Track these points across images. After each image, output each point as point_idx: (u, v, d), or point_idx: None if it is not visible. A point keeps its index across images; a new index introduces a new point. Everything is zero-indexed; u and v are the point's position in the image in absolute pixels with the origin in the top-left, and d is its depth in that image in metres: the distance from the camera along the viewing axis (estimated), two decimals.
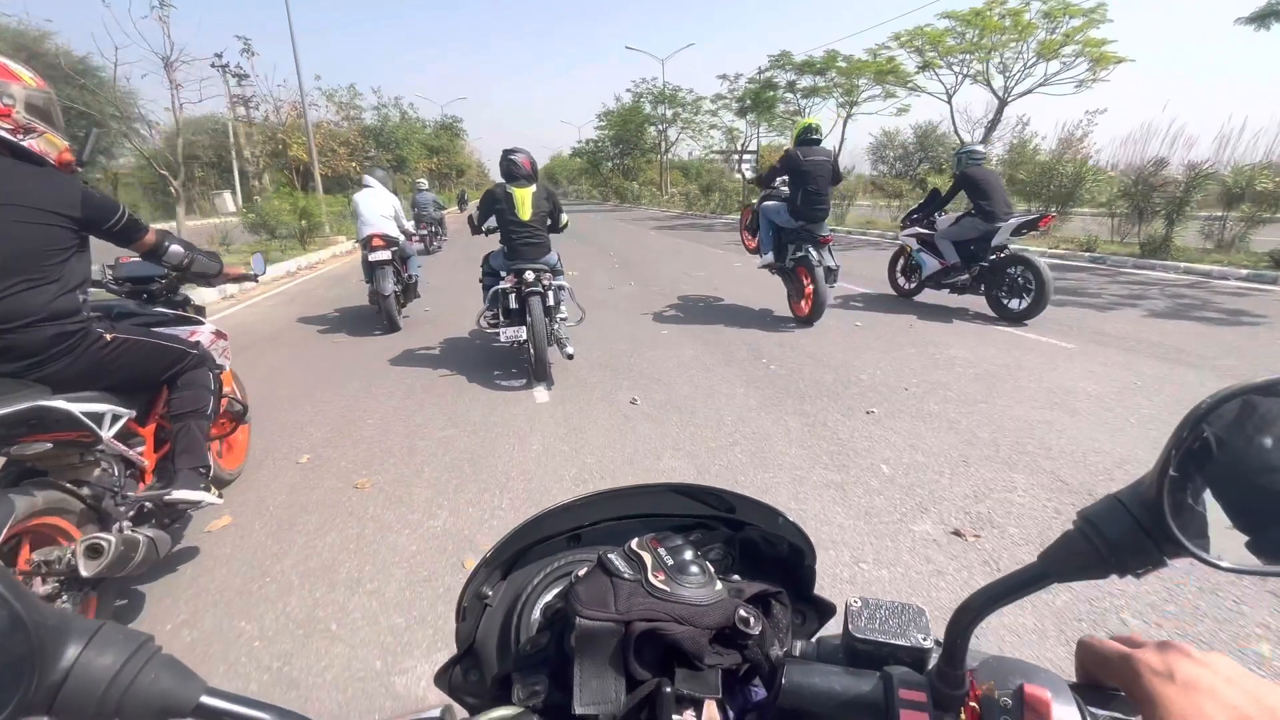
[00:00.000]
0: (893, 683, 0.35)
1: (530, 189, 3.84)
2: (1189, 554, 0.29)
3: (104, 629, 0.30)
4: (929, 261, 5.83)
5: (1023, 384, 3.64)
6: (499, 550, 0.45)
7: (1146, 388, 3.54)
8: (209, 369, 2.07)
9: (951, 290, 5.74)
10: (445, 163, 29.96)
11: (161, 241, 1.99)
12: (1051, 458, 2.68)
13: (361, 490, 2.57)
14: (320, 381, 4.09)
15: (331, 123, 18.23)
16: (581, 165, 49.97)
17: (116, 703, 0.28)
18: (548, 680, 0.38)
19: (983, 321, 5.30)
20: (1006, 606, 0.35)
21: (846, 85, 18.44)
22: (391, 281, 5.30)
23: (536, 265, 3.80)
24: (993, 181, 5.30)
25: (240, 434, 2.78)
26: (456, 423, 3.29)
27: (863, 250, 10.88)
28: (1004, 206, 5.25)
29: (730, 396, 3.56)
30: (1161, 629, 1.66)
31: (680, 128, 33.23)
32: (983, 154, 5.47)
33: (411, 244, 5.81)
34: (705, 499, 0.49)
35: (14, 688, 0.26)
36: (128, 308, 2.18)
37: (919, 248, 5.97)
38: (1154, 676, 0.30)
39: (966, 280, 5.51)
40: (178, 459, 1.93)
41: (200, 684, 0.31)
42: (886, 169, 35.00)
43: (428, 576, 1.97)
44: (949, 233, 5.58)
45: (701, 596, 0.37)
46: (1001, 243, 5.25)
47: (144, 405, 1.97)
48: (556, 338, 3.90)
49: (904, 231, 6.26)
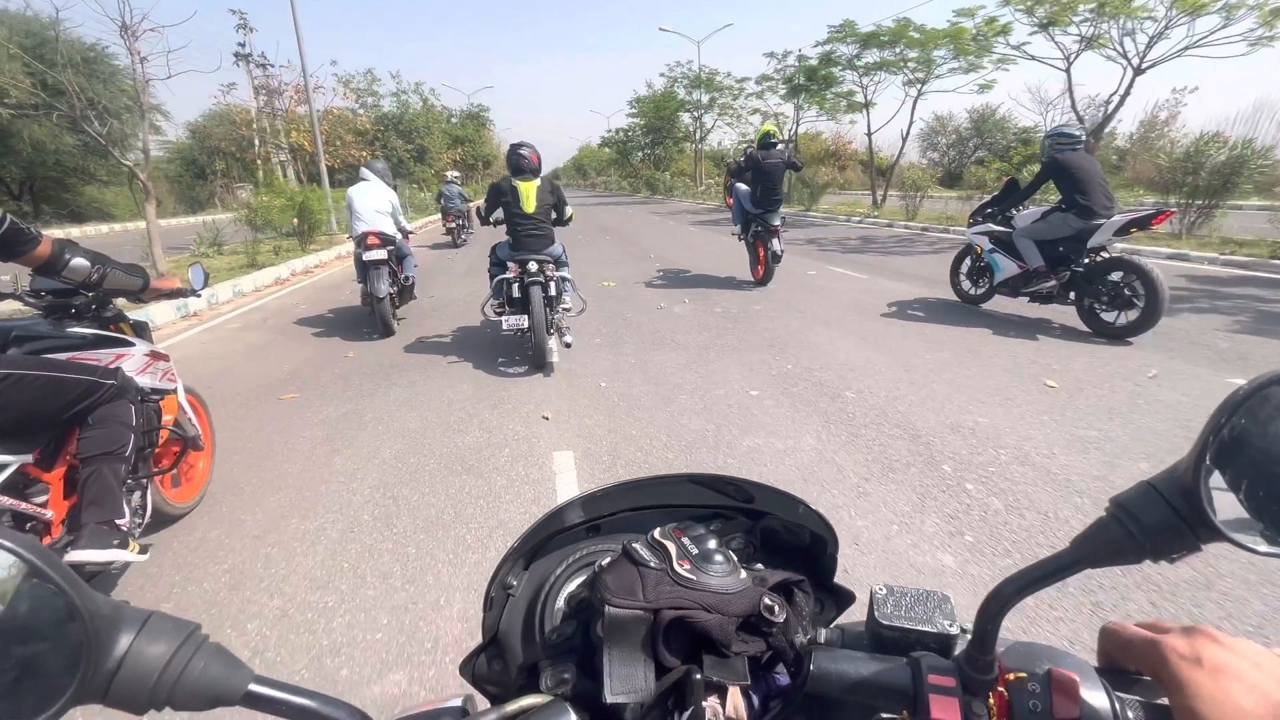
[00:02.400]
0: (921, 668, 0.36)
1: (535, 183, 4.04)
2: (1225, 539, 0.29)
3: (154, 617, 0.31)
4: (1004, 264, 5.10)
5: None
6: (523, 541, 0.47)
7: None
8: (129, 401, 1.83)
9: (1032, 299, 4.98)
10: (471, 153, 29.62)
11: (60, 254, 1.73)
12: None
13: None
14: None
15: (346, 109, 17.65)
16: (610, 156, 49.54)
17: (169, 691, 0.29)
18: (575, 669, 0.39)
19: (1075, 338, 4.54)
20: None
21: (921, 57, 15.74)
22: (386, 283, 5.01)
23: (540, 256, 4.00)
24: (1090, 169, 4.51)
25: (197, 463, 2.55)
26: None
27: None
28: (1104, 200, 4.46)
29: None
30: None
31: (717, 114, 32.24)
32: (1077, 135, 4.65)
33: (409, 242, 5.62)
34: (724, 489, 0.50)
35: (71, 675, 0.27)
36: (35, 329, 1.88)
37: (991, 248, 5.23)
38: (1181, 661, 0.31)
39: (1053, 287, 4.74)
40: (84, 511, 1.69)
41: (248, 672, 0.32)
42: (938, 156, 33.33)
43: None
44: (1032, 230, 4.81)
45: (727, 585, 0.38)
46: (1100, 243, 4.48)
47: (51, 445, 1.73)
48: (557, 326, 4.14)
49: (972, 229, 5.51)
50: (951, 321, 5.15)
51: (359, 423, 3.31)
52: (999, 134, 35.17)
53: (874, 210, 16.40)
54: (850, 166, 32.69)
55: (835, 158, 33.68)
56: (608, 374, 3.99)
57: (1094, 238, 4.44)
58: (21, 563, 0.27)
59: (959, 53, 14.99)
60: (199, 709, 0.31)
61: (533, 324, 3.84)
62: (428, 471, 2.73)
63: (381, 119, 24.24)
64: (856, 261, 8.67)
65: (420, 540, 2.20)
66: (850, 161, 34.82)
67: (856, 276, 7.46)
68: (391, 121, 24.53)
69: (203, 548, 2.22)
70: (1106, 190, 4.50)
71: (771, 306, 5.91)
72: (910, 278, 7.23)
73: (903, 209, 15.09)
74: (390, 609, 1.84)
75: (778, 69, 21.57)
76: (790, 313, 5.64)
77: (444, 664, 1.64)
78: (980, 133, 30.52)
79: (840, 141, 38.78)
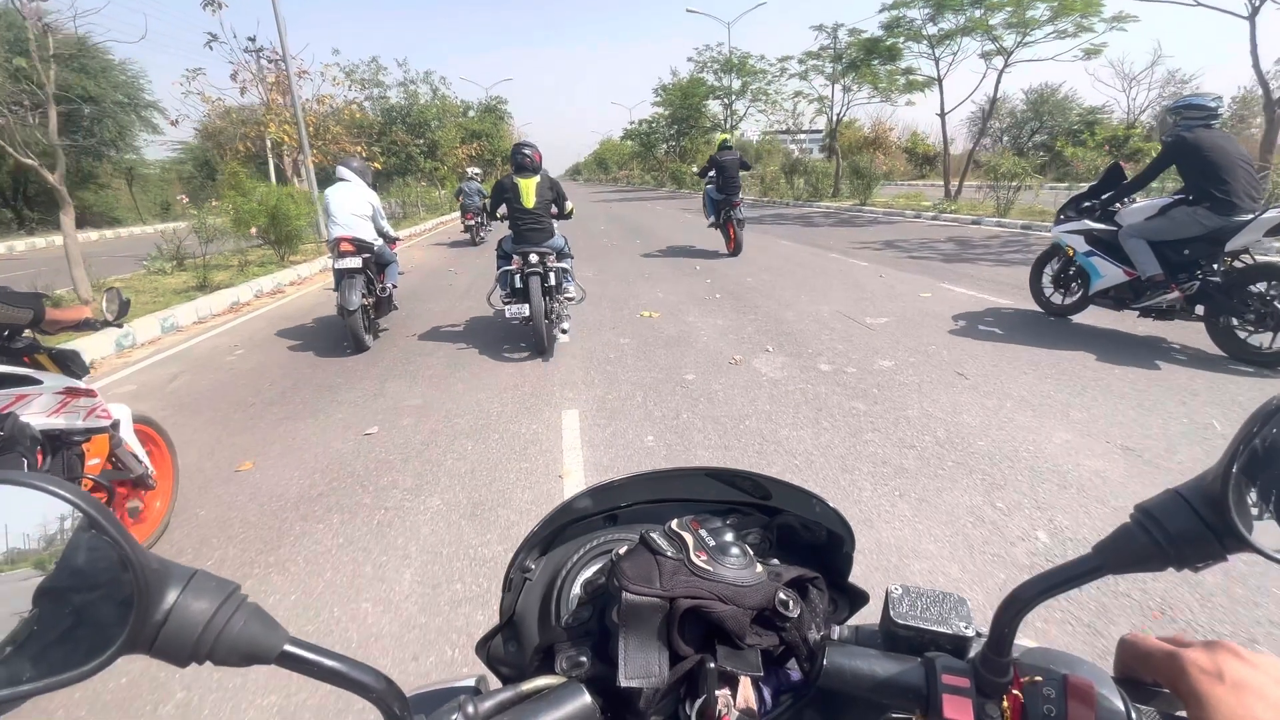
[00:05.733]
0: (935, 668, 0.38)
1: (534, 180, 4.41)
2: (1252, 549, 0.30)
3: (198, 575, 0.32)
4: (1106, 270, 4.31)
5: None
6: (542, 526, 0.50)
7: None
8: (20, 454, 1.70)
9: (1145, 313, 4.16)
10: (487, 148, 29.17)
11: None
12: None
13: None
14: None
15: (348, 102, 16.03)
16: (632, 149, 48.97)
17: (210, 645, 0.31)
18: (591, 653, 0.41)
19: (1210, 364, 3.72)
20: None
21: (1014, 16, 13.67)
22: (359, 294, 4.70)
23: (540, 249, 4.36)
24: (1230, 151, 3.68)
25: (153, 502, 2.43)
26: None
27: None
28: (1248, 191, 3.64)
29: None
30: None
31: (750, 100, 31.15)
32: (1211, 107, 3.80)
33: (393, 249, 5.35)
34: (741, 484, 0.53)
35: (121, 625, 0.29)
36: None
37: (1089, 250, 4.43)
38: (1202, 675, 0.31)
39: (1176, 300, 3.93)
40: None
41: (284, 633, 0.34)
42: (990, 142, 31.80)
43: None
44: (1147, 229, 4.00)
45: (743, 578, 0.39)
46: (1243, 245, 3.67)
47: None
48: (557, 314, 4.50)
49: (1061, 227, 4.72)
50: (1040, 339, 4.37)
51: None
52: (1060, 116, 33.41)
53: (948, 204, 14.61)
54: (893, 154, 31.44)
55: (875, 146, 32.48)
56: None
57: (1235, 239, 3.63)
58: (80, 514, 0.28)
59: (1063, 9, 12.92)
60: (236, 665, 0.32)
61: (532, 312, 4.25)
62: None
63: (388, 111, 23.39)
64: (972, 276, 6.80)
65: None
66: (894, 149, 33.57)
67: (995, 303, 5.56)
68: (399, 114, 23.62)
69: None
70: (1252, 178, 3.68)
71: (907, 365, 3.90)
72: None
73: (979, 201, 13.88)
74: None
75: (824, 47, 20.17)
76: (941, 376, 3.72)
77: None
78: (1039, 114, 28.88)
79: (881, 128, 37.48)
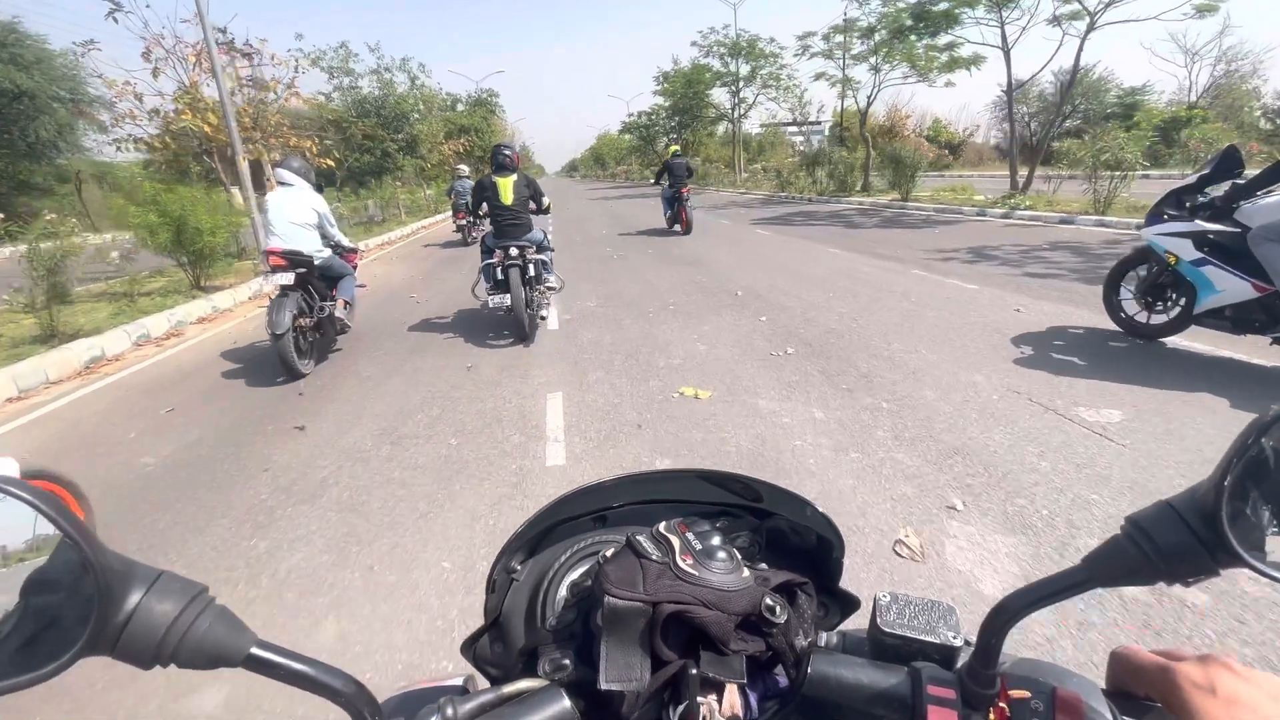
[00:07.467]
0: (921, 678, 0.37)
1: (512, 178, 4.86)
2: (1244, 564, 0.29)
3: (163, 577, 0.32)
4: (1225, 282, 3.18)
5: None
6: (528, 526, 0.49)
7: None
8: None
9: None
10: (477, 143, 27.92)
11: None
12: None
13: None
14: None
15: (291, 89, 13.76)
16: (631, 143, 47.76)
17: (174, 647, 0.31)
18: (575, 656, 0.41)
19: None
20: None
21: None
22: (289, 315, 4.01)
23: (519, 242, 4.76)
24: None
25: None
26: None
27: None
28: None
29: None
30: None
31: (759, 86, 29.66)
32: None
33: (352, 260, 4.89)
34: (732, 486, 0.53)
35: (82, 625, 0.29)
36: None
37: (1200, 256, 3.22)
38: (1195, 690, 0.31)
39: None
40: None
41: (251, 636, 0.34)
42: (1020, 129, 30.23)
43: None
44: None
45: (729, 582, 0.39)
46: None
47: None
48: (537, 303, 4.96)
49: (1156, 227, 3.51)
50: (1123, 372, 3.14)
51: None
52: (1095, 99, 31.64)
53: (1020, 198, 12.26)
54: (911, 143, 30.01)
55: (890, 135, 31.05)
56: None
57: None
58: (39, 514, 0.29)
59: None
60: (202, 667, 0.32)
61: (513, 301, 4.62)
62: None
63: (360, 103, 21.65)
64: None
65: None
66: (911, 138, 32.13)
67: (1231, 353, 3.54)
68: (372, 105, 21.85)
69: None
70: None
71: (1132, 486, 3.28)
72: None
73: (1051, 194, 12.17)
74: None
75: (852, 21, 18.21)
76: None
77: None
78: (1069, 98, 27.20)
79: (898, 116, 35.97)
